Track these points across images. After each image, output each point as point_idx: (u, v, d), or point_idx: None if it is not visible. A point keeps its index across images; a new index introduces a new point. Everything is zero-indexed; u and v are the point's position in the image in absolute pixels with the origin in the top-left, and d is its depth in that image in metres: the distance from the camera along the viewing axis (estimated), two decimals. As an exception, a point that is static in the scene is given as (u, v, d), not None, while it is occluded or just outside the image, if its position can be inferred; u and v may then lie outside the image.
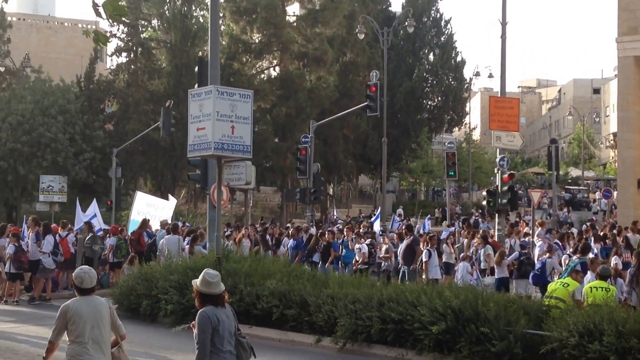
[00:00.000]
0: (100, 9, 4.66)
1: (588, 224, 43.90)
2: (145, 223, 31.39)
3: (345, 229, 34.25)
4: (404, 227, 32.89)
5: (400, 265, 28.70)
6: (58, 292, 27.84)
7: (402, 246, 28.65)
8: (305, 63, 68.27)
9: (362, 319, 17.64)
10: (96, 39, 4.69)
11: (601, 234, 34.34)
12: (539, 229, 33.52)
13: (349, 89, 66.98)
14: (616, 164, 65.56)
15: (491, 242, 28.49)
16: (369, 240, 32.23)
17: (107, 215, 49.33)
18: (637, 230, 33.06)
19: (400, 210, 62.77)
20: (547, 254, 25.18)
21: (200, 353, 9.37)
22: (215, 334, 9.40)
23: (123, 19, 66.42)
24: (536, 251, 28.05)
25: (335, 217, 63.38)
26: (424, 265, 26.95)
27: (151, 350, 17.18)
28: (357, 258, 30.57)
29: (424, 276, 26.50)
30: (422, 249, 27.61)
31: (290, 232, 36.04)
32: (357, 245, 30.97)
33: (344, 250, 31.39)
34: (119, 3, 4.68)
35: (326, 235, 31.98)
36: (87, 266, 10.68)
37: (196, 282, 9.73)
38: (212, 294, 9.57)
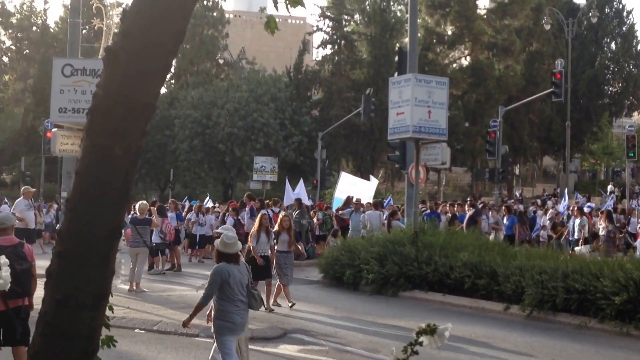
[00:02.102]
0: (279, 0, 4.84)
1: None
2: (349, 200, 31.81)
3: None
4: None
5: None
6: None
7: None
8: (494, 53, 67.38)
9: (547, 288, 17.40)
10: (267, 25, 4.85)
11: None
12: None
13: (534, 77, 65.72)
14: None
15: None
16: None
17: (312, 193, 50.23)
18: None
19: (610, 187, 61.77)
20: None
21: (203, 297, 10.17)
22: (227, 286, 10.03)
23: (328, 13, 67.55)
24: None
25: (519, 195, 62.54)
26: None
27: (354, 315, 17.47)
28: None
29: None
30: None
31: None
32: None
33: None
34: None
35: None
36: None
37: (217, 242, 10.40)
38: (228, 253, 10.21)
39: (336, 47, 69.14)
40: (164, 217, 25.96)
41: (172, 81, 74.52)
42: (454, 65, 70.42)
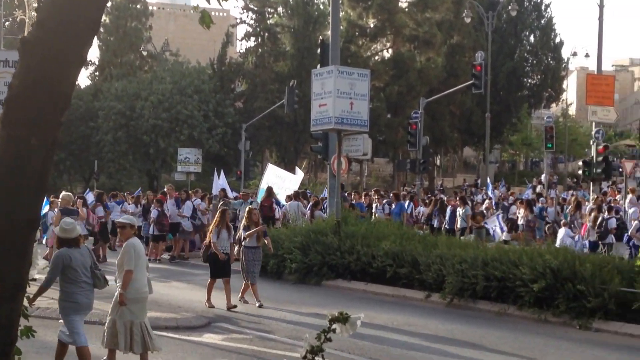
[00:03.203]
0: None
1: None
2: (270, 191, 31.68)
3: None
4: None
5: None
6: (195, 252, 28.45)
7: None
8: (415, 45, 67.84)
9: (468, 277, 17.67)
10: (202, 20, 4.86)
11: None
12: (631, 195, 32.89)
13: (455, 69, 66.32)
14: None
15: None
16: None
17: (236, 184, 50.15)
18: None
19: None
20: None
21: (45, 281, 10.58)
22: (70, 269, 10.47)
23: (251, 6, 67.34)
24: (630, 216, 27.51)
25: (440, 186, 63.29)
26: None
27: (277, 304, 17.49)
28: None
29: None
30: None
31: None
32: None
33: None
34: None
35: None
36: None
37: (56, 229, 11.06)
38: (68, 238, 10.64)
39: (259, 39, 69.03)
40: (87, 207, 25.68)
41: (97, 73, 73.70)
42: (376, 57, 70.74)
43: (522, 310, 16.61)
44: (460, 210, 29.16)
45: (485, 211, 32.62)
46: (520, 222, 29.74)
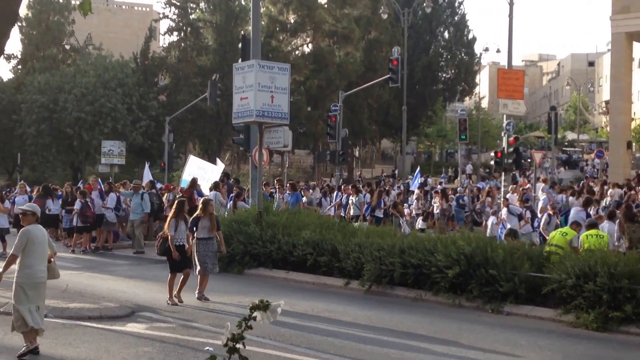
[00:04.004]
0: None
1: (584, 181, 43.81)
2: (194, 182, 31.40)
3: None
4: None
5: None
6: (118, 243, 28.08)
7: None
8: (334, 41, 68.06)
9: (385, 264, 17.76)
10: (80, 7, 4.74)
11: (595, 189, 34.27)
12: (543, 184, 33.48)
13: (373, 64, 66.77)
14: (608, 128, 65.22)
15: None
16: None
17: (160, 175, 49.70)
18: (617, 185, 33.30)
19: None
20: (550, 210, 25.24)
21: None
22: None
23: (174, 1, 66.63)
24: (540, 204, 27.97)
25: (359, 177, 63.62)
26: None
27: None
28: None
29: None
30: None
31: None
32: None
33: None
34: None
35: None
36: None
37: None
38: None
39: (182, 34, 68.40)
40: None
41: (19, 67, 72.26)
42: (297, 52, 70.80)
43: (438, 296, 16.78)
44: (353, 199, 29.34)
45: (416, 200, 32.96)
46: (436, 211, 30.12)
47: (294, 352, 11.65)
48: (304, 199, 30.27)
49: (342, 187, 34.44)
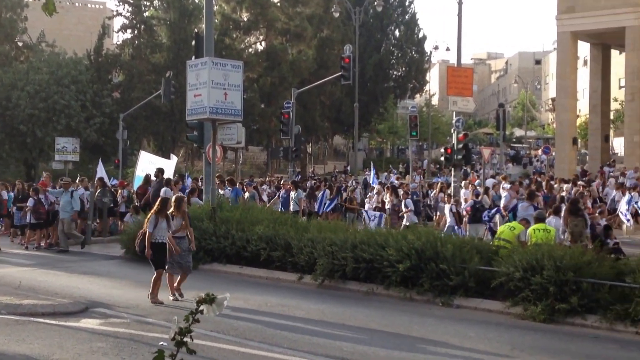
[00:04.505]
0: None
1: (532, 176, 44.29)
2: (148, 179, 31.21)
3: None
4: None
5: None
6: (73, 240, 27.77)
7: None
8: (287, 38, 67.99)
9: (338, 259, 17.79)
10: (45, 7, 4.67)
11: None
12: (504, 182, 33.73)
13: (325, 61, 66.80)
14: (554, 125, 65.98)
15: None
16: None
17: (115, 172, 49.32)
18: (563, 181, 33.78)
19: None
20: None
21: None
22: None
23: None
24: (502, 202, 27.68)
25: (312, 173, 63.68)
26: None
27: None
28: None
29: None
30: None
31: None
32: None
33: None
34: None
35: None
36: None
37: None
38: None
39: (136, 31, 67.77)
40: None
41: (-29, 64, 71.13)
42: (250, 50, 70.59)
43: (389, 290, 16.84)
44: (293, 194, 29.42)
45: (376, 195, 33.10)
46: (387, 206, 30.21)
47: (247, 346, 11.62)
48: (246, 194, 30.19)
49: (283, 183, 34.51)
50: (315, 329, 13.20)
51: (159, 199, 16.80)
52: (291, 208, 28.98)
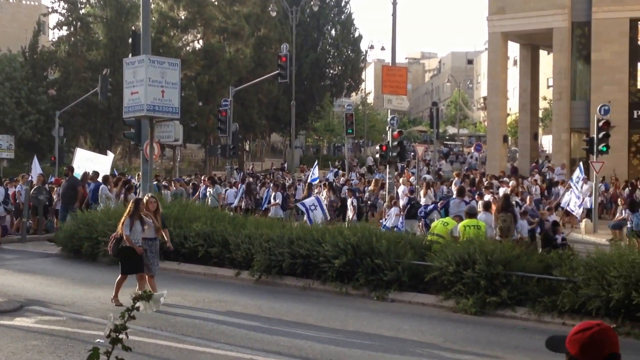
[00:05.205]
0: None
1: (464, 173, 44.81)
2: (85, 176, 30.76)
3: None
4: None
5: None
6: (7, 237, 27.24)
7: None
8: (225, 37, 67.69)
9: (275, 255, 17.80)
10: None
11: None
12: (456, 178, 34.01)
13: (262, 60, 66.72)
14: (486, 123, 66.81)
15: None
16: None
17: (51, 169, 48.60)
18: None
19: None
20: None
21: None
22: None
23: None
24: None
25: (250, 170, 63.56)
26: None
27: (92, 285, 17.02)
28: None
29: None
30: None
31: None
32: None
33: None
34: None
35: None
36: None
37: None
38: None
39: (72, 28, 66.78)
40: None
41: None
42: (188, 48, 70.13)
43: (325, 285, 16.91)
44: (210, 190, 29.44)
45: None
46: (324, 202, 30.25)
47: (185, 342, 11.57)
48: (169, 191, 30.16)
49: (203, 178, 34.45)
50: (252, 324, 13.19)
51: (132, 200, 16.02)
52: (209, 203, 28.97)
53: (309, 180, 38.26)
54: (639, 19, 44.48)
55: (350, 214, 28.79)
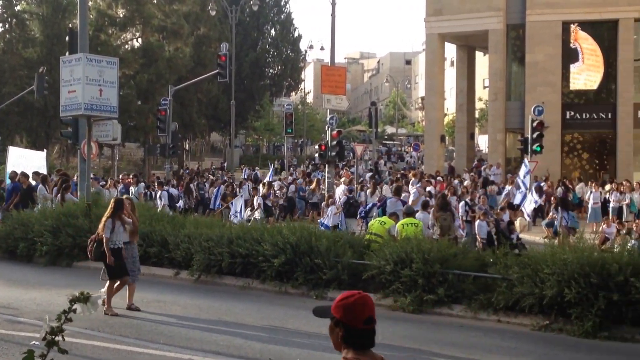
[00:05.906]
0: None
1: (401, 172, 45.15)
2: (16, 175, 30.10)
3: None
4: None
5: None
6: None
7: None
8: (164, 36, 67.12)
9: (214, 254, 17.74)
10: None
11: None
12: (413, 178, 34.07)
13: (202, 59, 66.39)
14: (423, 123, 67.32)
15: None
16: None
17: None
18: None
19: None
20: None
21: None
22: None
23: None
24: (410, 198, 27.48)
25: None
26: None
27: (28, 286, 16.76)
28: None
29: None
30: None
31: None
32: None
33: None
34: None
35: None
36: None
37: None
38: None
39: (7, 25, 65.64)
40: None
41: None
42: (126, 46, 69.36)
43: (265, 284, 16.91)
44: (133, 189, 29.30)
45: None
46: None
47: (123, 343, 11.46)
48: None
49: (121, 176, 34.20)
50: (191, 324, 13.12)
51: (113, 199, 15.29)
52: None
53: (268, 179, 38.13)
54: (571, 22, 45.13)
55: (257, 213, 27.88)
